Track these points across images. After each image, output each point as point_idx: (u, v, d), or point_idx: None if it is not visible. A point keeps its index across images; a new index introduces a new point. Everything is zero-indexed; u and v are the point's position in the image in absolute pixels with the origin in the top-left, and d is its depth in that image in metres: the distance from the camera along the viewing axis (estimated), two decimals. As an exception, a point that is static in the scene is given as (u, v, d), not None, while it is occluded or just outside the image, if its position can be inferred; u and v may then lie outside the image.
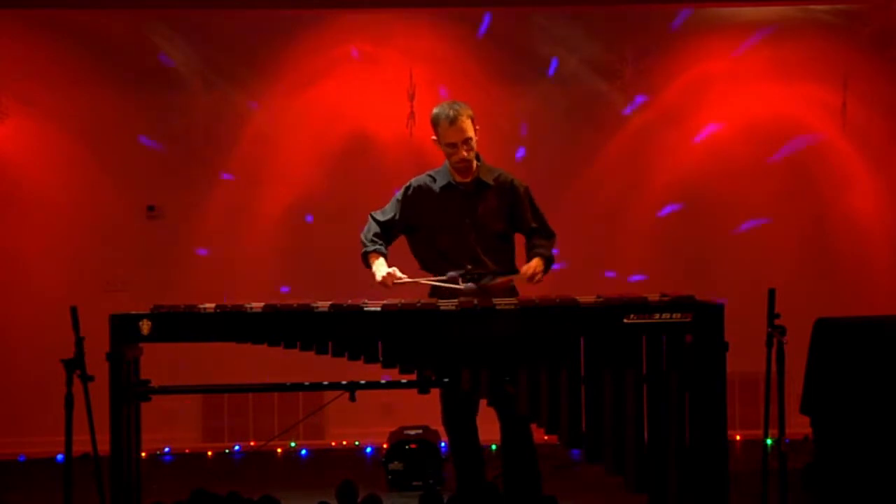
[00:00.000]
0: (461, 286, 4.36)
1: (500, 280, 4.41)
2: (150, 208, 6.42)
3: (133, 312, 3.84)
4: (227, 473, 5.80)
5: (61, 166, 6.42)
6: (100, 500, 4.05)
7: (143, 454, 4.22)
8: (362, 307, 3.90)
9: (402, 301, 3.96)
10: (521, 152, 6.45)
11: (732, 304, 3.91)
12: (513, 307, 3.87)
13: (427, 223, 4.53)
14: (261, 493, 4.53)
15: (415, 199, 4.55)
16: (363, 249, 4.56)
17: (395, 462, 5.30)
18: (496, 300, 3.99)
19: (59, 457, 5.70)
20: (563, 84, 6.54)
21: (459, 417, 4.49)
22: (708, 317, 3.77)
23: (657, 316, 3.78)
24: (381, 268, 4.43)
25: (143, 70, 6.42)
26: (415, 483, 5.26)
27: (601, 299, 3.91)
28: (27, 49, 6.38)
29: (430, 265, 4.53)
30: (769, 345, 3.87)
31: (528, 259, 4.47)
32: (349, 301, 3.99)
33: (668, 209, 6.57)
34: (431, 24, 6.52)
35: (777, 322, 3.86)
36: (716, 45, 6.56)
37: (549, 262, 4.47)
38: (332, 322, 3.87)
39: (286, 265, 6.47)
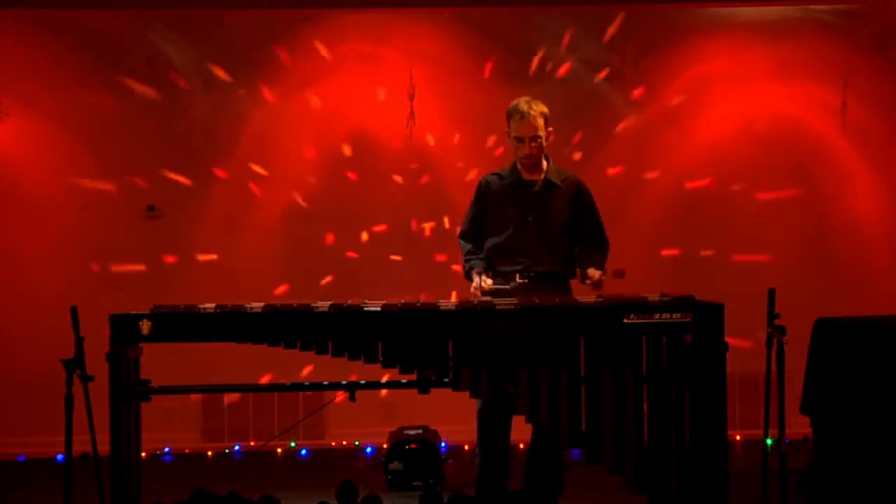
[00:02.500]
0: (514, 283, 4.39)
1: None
2: (150, 208, 6.42)
3: (133, 312, 3.84)
4: (227, 473, 5.80)
5: (61, 166, 6.42)
6: (100, 500, 4.05)
7: (143, 454, 4.22)
8: (362, 307, 3.89)
9: (402, 301, 3.96)
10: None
11: (732, 304, 3.90)
12: (513, 307, 3.87)
13: (491, 218, 4.56)
14: (261, 493, 4.53)
15: (486, 195, 4.59)
16: (465, 271, 4.56)
17: (395, 462, 5.29)
18: (497, 300, 3.99)
19: (59, 457, 5.69)
20: (563, 84, 6.54)
21: (496, 417, 4.47)
22: (708, 317, 3.77)
23: (657, 316, 3.78)
24: (474, 280, 4.43)
25: (143, 70, 6.42)
26: (415, 483, 5.26)
27: (601, 299, 3.91)
28: (27, 49, 6.38)
29: (491, 261, 4.53)
30: (769, 345, 3.87)
31: (582, 267, 4.47)
32: (349, 301, 3.99)
33: (668, 209, 6.56)
34: (431, 24, 6.52)
35: (777, 322, 3.87)
36: (716, 45, 6.56)
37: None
38: (332, 322, 3.86)
39: (286, 265, 6.47)
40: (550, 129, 4.52)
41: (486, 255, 4.56)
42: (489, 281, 4.42)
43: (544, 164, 4.56)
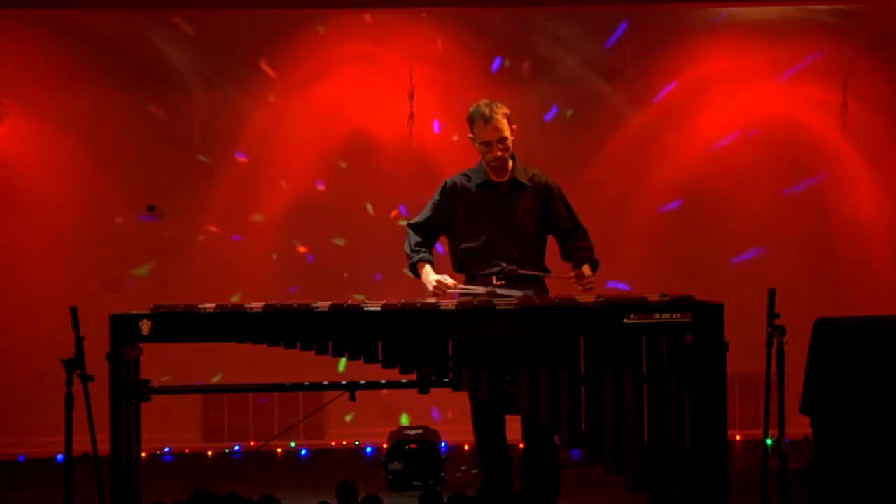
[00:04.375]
0: (487, 288, 4.36)
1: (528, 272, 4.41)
2: (150, 208, 6.42)
3: (133, 312, 3.84)
4: (227, 473, 5.80)
5: (61, 166, 6.42)
6: (100, 500, 4.06)
7: (144, 454, 4.22)
8: (362, 307, 3.89)
9: (402, 301, 3.96)
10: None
11: (732, 304, 3.91)
12: (513, 307, 3.87)
13: (462, 221, 4.53)
14: (261, 493, 4.53)
15: (451, 198, 4.56)
16: (409, 261, 4.55)
17: (395, 462, 5.30)
18: (496, 300, 3.99)
19: (59, 457, 5.70)
20: (563, 84, 6.54)
21: (490, 417, 4.48)
22: (708, 317, 3.77)
23: (657, 316, 3.78)
24: (430, 276, 4.43)
25: (143, 70, 6.42)
26: (415, 483, 5.26)
27: (601, 299, 3.92)
28: (27, 49, 6.37)
29: (463, 264, 4.53)
30: (769, 345, 3.87)
31: (574, 263, 4.47)
32: (349, 301, 3.99)
33: (668, 209, 6.56)
34: (431, 24, 6.52)
35: (777, 322, 3.87)
36: (716, 45, 6.56)
37: (596, 266, 4.49)
38: (332, 322, 3.87)
39: (286, 265, 6.47)
40: (514, 126, 4.50)
41: (459, 259, 4.54)
42: (450, 281, 4.40)
43: (510, 163, 4.54)
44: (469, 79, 6.41)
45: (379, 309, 3.87)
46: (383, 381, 4.20)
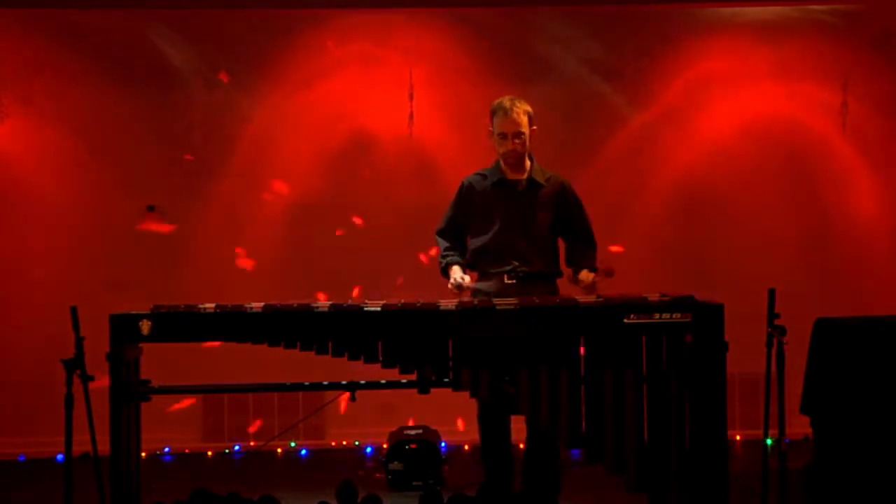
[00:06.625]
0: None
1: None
2: (150, 208, 6.42)
3: (133, 312, 3.84)
4: (227, 473, 5.80)
5: (61, 166, 6.42)
6: (100, 500, 4.05)
7: (143, 454, 4.22)
8: (362, 307, 3.90)
9: (402, 301, 3.96)
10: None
11: (732, 304, 3.91)
12: (513, 307, 3.87)
13: (477, 219, 4.54)
14: (261, 493, 4.53)
15: (468, 196, 4.57)
16: (440, 268, 4.57)
17: (395, 462, 5.29)
18: (497, 300, 3.99)
19: (59, 457, 5.69)
20: (563, 84, 6.54)
21: (496, 418, 4.47)
22: (708, 317, 3.78)
23: (657, 316, 3.78)
24: (454, 275, 4.44)
25: (143, 70, 6.42)
26: (415, 483, 5.26)
27: (601, 299, 3.92)
28: (27, 49, 6.37)
29: (476, 262, 4.53)
30: (769, 345, 3.87)
31: (574, 269, 4.49)
32: (349, 301, 3.99)
33: (668, 209, 6.56)
34: (431, 24, 6.52)
35: (777, 322, 3.87)
36: (716, 45, 6.56)
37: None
38: (332, 322, 3.87)
39: (286, 265, 6.47)
40: (534, 127, 4.51)
41: (472, 257, 4.55)
42: (468, 278, 4.42)
43: (528, 163, 4.54)
44: (469, 79, 6.41)
45: (379, 309, 3.87)
46: (383, 381, 4.20)
